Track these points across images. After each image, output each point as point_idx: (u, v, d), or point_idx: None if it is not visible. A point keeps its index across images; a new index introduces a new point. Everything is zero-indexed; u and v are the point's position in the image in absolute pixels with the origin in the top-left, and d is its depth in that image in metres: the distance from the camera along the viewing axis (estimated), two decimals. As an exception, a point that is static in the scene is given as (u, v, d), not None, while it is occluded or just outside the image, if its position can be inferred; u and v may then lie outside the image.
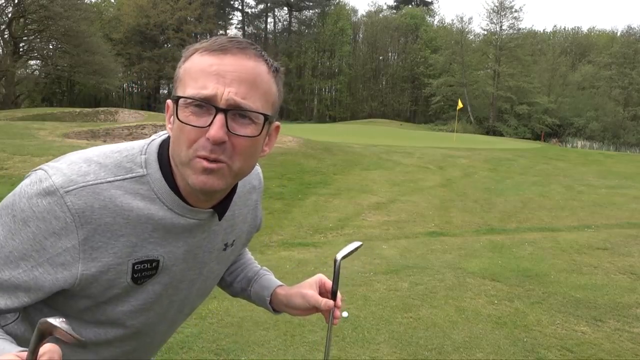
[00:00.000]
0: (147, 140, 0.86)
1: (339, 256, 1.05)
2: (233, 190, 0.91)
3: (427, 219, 7.00)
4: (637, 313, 3.87)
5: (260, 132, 0.79)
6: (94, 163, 0.79)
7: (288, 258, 4.94)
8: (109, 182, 0.78)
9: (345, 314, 3.59)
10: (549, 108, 44.61)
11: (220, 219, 0.90)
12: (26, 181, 0.78)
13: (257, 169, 1.05)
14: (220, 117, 0.75)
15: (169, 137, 0.86)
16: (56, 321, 0.55)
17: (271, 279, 1.18)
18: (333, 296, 1.04)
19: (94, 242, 0.78)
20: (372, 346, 3.16)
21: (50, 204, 0.75)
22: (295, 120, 52.18)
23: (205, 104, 0.75)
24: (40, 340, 0.57)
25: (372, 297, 3.98)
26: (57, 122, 16.55)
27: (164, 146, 0.85)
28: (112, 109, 26.18)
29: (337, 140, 15.71)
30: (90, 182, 0.77)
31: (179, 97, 0.76)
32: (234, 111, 0.76)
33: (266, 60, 0.80)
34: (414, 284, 4.33)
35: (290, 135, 13.98)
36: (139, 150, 0.83)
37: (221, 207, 0.89)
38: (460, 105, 24.28)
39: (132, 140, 0.89)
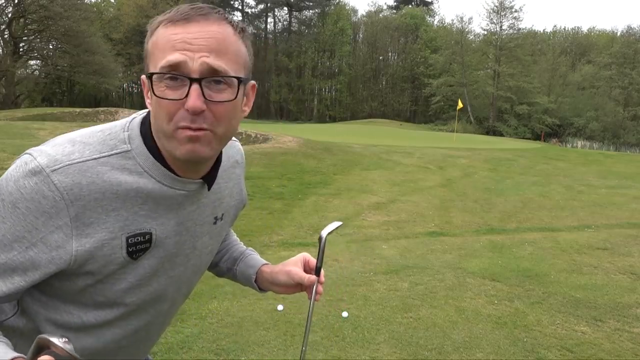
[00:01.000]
0: (129, 118, 0.87)
1: (324, 233, 1.07)
2: (218, 161, 0.92)
3: (427, 219, 7.00)
4: (637, 313, 3.87)
5: (237, 95, 0.80)
6: (78, 143, 0.80)
7: (288, 258, 4.93)
8: (95, 159, 0.79)
9: (345, 314, 3.59)
10: (549, 108, 44.60)
11: (209, 189, 0.92)
12: (12, 166, 0.79)
13: (237, 145, 1.07)
14: (195, 87, 0.75)
15: (149, 113, 0.87)
16: (59, 341, 0.56)
17: (256, 258, 1.20)
18: (317, 272, 1.05)
19: (85, 218, 0.78)
20: (372, 346, 3.16)
21: (37, 184, 0.75)
22: (295, 120, 52.17)
23: (179, 76, 0.76)
24: (38, 353, 0.58)
25: (372, 297, 3.98)
26: (57, 122, 16.57)
27: (145, 122, 0.86)
28: (112, 109, 26.17)
29: (337, 140, 15.70)
30: (76, 160, 0.77)
31: (152, 74, 0.77)
32: (208, 79, 0.76)
33: (230, 22, 0.81)
34: (414, 284, 4.33)
35: (290, 135, 13.99)
36: (121, 127, 0.84)
37: (209, 178, 0.91)
38: (460, 105, 24.27)
39: None
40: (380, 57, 61.48)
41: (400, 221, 6.81)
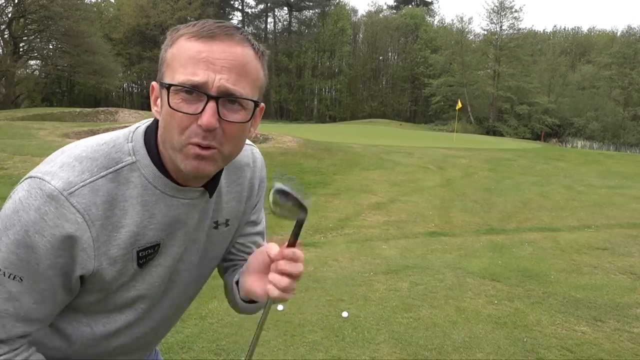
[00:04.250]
0: (132, 128, 0.88)
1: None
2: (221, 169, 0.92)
3: (427, 219, 7.00)
4: (637, 313, 3.87)
5: (250, 118, 0.82)
6: (84, 159, 0.80)
7: (288, 258, 4.94)
8: (103, 176, 0.80)
9: (345, 314, 3.59)
10: (549, 108, 44.62)
11: (211, 197, 0.93)
12: (23, 194, 0.78)
13: (250, 148, 1.04)
14: (212, 105, 0.77)
15: (153, 122, 0.88)
16: None
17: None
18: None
19: (103, 237, 0.81)
20: (372, 346, 3.16)
21: (58, 209, 0.76)
22: (295, 120, 52.14)
23: (196, 91, 0.76)
24: None
25: (372, 297, 3.98)
26: (57, 122, 16.57)
27: (149, 132, 0.87)
28: (112, 109, 26.17)
29: (337, 140, 15.69)
30: (88, 180, 0.79)
31: (170, 85, 0.77)
32: (225, 98, 0.78)
33: (253, 45, 0.82)
34: (414, 284, 4.33)
35: (290, 135, 13.98)
36: (124, 138, 0.85)
37: (211, 185, 0.91)
38: (459, 105, 24.25)
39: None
40: (380, 57, 61.46)
41: (400, 221, 6.81)
